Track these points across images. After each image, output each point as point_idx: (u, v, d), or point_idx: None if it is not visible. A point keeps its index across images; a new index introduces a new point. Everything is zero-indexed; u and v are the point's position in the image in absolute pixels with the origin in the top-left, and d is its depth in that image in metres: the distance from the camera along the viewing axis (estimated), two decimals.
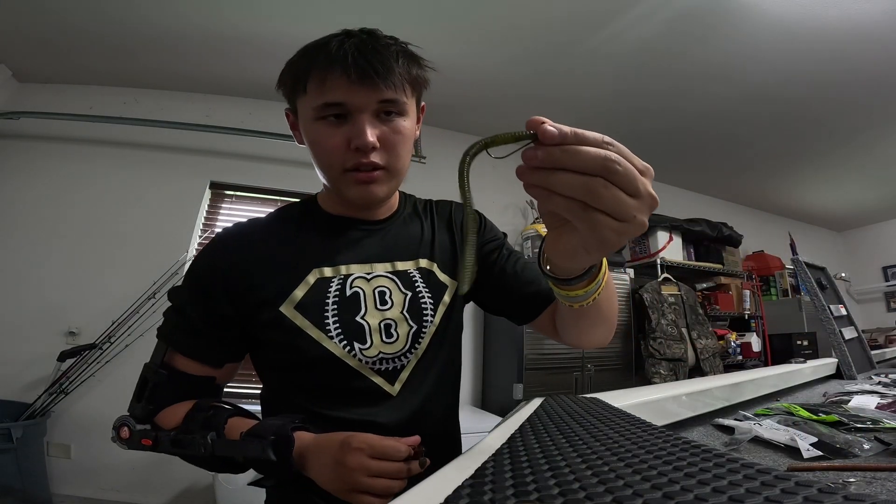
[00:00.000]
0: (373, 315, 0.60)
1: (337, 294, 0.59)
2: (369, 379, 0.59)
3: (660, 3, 1.99)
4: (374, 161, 0.55)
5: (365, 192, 0.57)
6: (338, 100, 0.53)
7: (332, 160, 0.56)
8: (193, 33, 2.23)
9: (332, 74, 0.52)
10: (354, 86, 0.52)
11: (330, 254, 0.61)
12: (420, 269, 0.65)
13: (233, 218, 2.71)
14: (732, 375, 0.86)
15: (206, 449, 0.50)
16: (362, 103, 0.53)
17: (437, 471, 0.26)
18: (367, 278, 0.61)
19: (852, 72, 2.41)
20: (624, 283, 2.72)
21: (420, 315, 0.62)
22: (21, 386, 2.11)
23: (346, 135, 0.54)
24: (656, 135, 3.19)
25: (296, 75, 0.57)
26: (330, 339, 0.57)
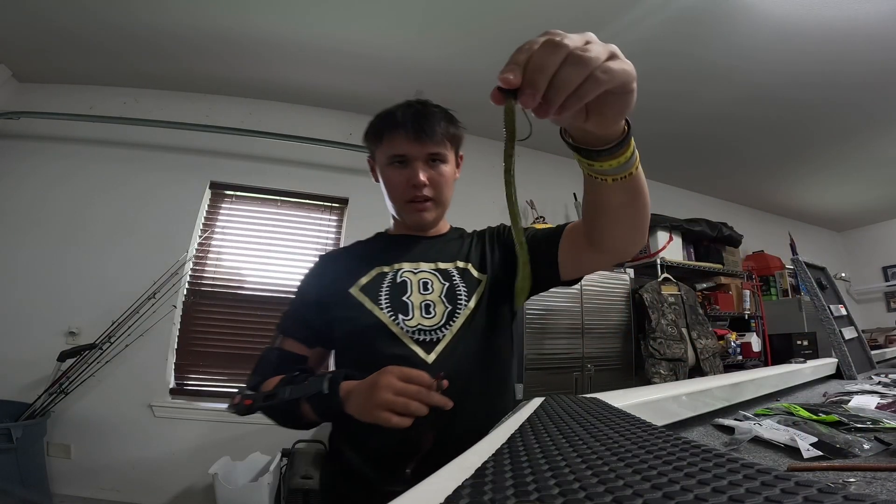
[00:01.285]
0: (416, 297, 0.77)
1: (390, 282, 0.78)
2: (408, 347, 0.72)
3: (660, 3, 1.99)
4: (426, 195, 0.78)
5: (419, 217, 0.80)
6: (401, 152, 0.76)
7: (397, 194, 0.79)
8: (193, 33, 2.23)
9: (397, 134, 0.76)
10: (411, 143, 0.75)
11: (388, 258, 0.82)
12: (458, 268, 0.82)
13: (233, 218, 2.71)
14: (732, 375, 0.86)
15: (284, 395, 0.63)
16: (416, 154, 0.76)
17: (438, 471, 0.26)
18: (413, 272, 0.79)
19: (852, 72, 2.41)
20: (624, 283, 2.72)
21: (455, 299, 0.77)
22: (21, 386, 2.11)
23: (406, 176, 0.77)
24: (656, 135, 3.19)
25: (374, 134, 0.80)
26: (380, 310, 0.74)
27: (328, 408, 0.61)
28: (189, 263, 2.47)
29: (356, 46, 2.33)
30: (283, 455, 2.17)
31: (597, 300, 2.60)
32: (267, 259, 2.69)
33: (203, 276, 2.58)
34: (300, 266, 2.74)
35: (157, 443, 2.21)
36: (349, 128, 2.91)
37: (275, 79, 2.63)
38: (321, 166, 2.79)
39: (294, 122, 2.77)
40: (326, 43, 2.30)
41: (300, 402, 0.63)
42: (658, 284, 2.71)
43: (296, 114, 2.83)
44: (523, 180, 2.73)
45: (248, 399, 0.66)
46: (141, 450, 2.19)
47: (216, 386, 2.45)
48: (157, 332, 2.27)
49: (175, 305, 2.36)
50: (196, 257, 2.54)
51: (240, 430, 2.29)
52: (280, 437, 2.27)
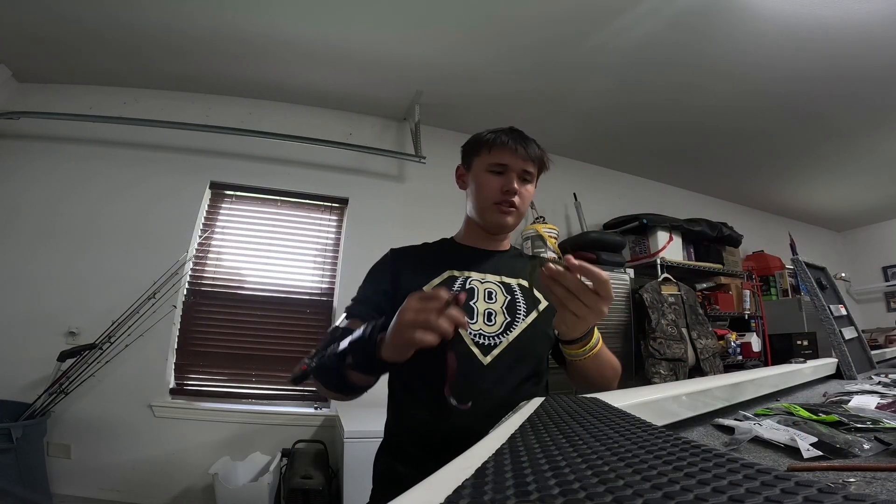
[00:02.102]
0: (481, 304, 0.85)
1: (460, 286, 0.86)
2: (469, 347, 0.80)
3: (660, 3, 1.99)
4: (514, 201, 0.87)
5: (502, 220, 0.89)
6: (503, 161, 0.87)
7: (489, 195, 0.88)
8: (194, 33, 2.23)
9: (505, 148, 0.87)
10: (514, 156, 0.87)
11: (459, 264, 0.90)
12: (520, 285, 0.91)
13: (233, 218, 2.71)
14: (732, 375, 0.86)
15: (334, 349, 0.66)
16: (515, 167, 0.87)
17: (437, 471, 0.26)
18: (480, 281, 0.88)
19: (853, 71, 2.41)
20: (624, 283, 2.72)
21: (514, 312, 0.86)
22: (21, 386, 2.11)
23: (501, 182, 0.87)
24: (656, 135, 3.19)
25: (480, 143, 0.91)
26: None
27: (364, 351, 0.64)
28: (189, 263, 2.47)
29: (356, 46, 2.33)
30: (283, 455, 2.17)
31: None
32: (267, 259, 2.69)
33: (203, 276, 2.58)
34: (300, 266, 2.74)
35: (157, 443, 2.21)
36: (349, 128, 2.91)
37: (275, 79, 2.63)
38: (321, 166, 2.79)
39: (294, 122, 2.77)
40: (326, 43, 2.30)
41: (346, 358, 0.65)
42: (658, 284, 2.71)
43: (296, 114, 2.83)
44: None
45: (304, 365, 0.69)
46: (141, 450, 2.19)
47: (216, 386, 2.45)
48: (157, 332, 2.27)
49: (175, 305, 2.36)
50: (196, 257, 2.54)
51: (240, 430, 2.29)
52: (280, 437, 2.27)
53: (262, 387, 2.49)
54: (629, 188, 3.74)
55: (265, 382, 2.50)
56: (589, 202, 3.37)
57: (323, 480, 1.99)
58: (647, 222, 3.06)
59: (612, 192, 3.62)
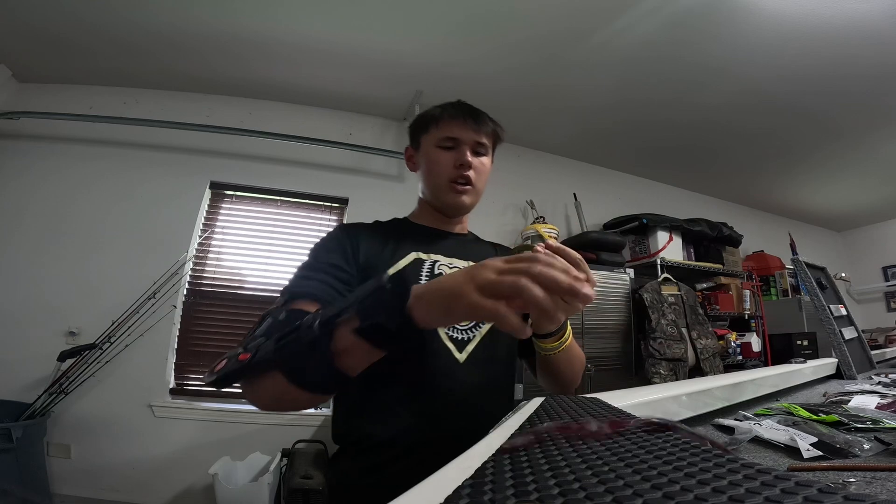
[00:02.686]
0: None
1: (428, 271, 0.78)
2: (442, 341, 0.74)
3: (660, 3, 1.99)
4: (469, 176, 0.80)
5: (458, 199, 0.81)
6: (454, 135, 0.80)
7: (441, 172, 0.80)
8: (194, 33, 2.23)
9: (454, 120, 0.80)
10: (465, 128, 0.80)
11: (424, 246, 0.81)
12: None
13: (233, 218, 2.71)
14: (732, 375, 0.86)
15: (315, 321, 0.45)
16: (467, 139, 0.80)
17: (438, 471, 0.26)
18: (448, 266, 0.80)
19: (853, 71, 2.41)
20: (624, 283, 2.72)
21: None
22: (21, 386, 2.11)
23: (454, 157, 0.80)
24: (657, 134, 3.18)
25: (427, 119, 0.83)
26: None
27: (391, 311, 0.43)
28: (189, 263, 2.47)
29: (356, 46, 2.33)
30: (283, 455, 2.17)
31: (597, 300, 2.59)
32: (267, 259, 2.69)
33: (203, 276, 2.58)
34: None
35: (157, 443, 2.21)
36: (349, 128, 2.91)
37: (275, 79, 2.63)
38: (321, 166, 2.79)
39: (294, 122, 2.77)
40: (326, 43, 2.30)
41: (337, 327, 0.45)
42: (658, 284, 2.71)
43: (296, 114, 2.83)
44: (523, 180, 2.75)
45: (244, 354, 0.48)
46: (141, 450, 2.19)
47: None
48: (157, 332, 2.27)
49: (175, 305, 2.36)
50: (196, 257, 2.54)
51: (240, 430, 2.29)
52: (280, 437, 2.27)
53: None
54: (629, 188, 3.74)
55: None
56: (589, 202, 3.37)
57: (323, 480, 1.99)
58: (647, 222, 3.06)
59: (612, 192, 3.61)
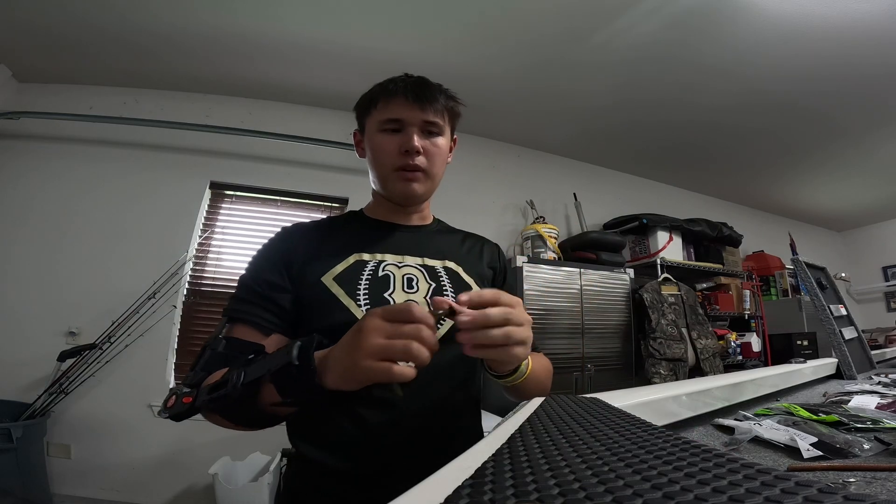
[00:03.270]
0: (399, 295, 0.69)
1: (370, 274, 0.70)
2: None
3: (659, 4, 1.99)
4: (417, 163, 0.70)
5: (407, 188, 0.72)
6: (396, 116, 0.70)
7: (386, 160, 0.72)
8: (194, 33, 2.23)
9: (395, 98, 0.70)
10: (410, 106, 0.70)
11: (369, 244, 0.74)
12: (446, 268, 0.76)
13: (233, 218, 2.71)
14: (732, 375, 0.86)
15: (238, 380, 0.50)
16: (413, 120, 0.70)
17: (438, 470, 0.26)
18: (398, 265, 0.72)
19: (853, 71, 2.41)
20: (624, 283, 2.72)
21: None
22: (21, 386, 2.11)
23: (398, 142, 0.70)
24: (657, 134, 3.19)
25: (369, 99, 0.74)
26: (358, 307, 0.66)
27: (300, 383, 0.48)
28: (189, 263, 2.47)
29: (356, 47, 2.33)
30: (283, 455, 2.17)
31: (597, 300, 2.60)
32: None
33: (203, 276, 2.58)
34: None
35: (157, 443, 2.21)
36: (349, 128, 2.88)
37: (275, 79, 2.63)
38: (321, 166, 2.79)
39: (294, 122, 2.77)
40: (326, 43, 2.30)
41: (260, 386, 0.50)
42: (658, 284, 2.71)
43: (296, 114, 2.83)
44: (523, 180, 2.75)
45: (188, 396, 0.53)
46: (141, 450, 2.19)
47: None
48: (157, 332, 2.27)
49: (175, 305, 2.36)
50: (196, 257, 2.54)
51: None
52: (280, 437, 2.27)
53: None
54: (629, 188, 3.74)
55: None
56: (589, 202, 3.37)
57: None
58: (647, 222, 3.06)
59: (612, 192, 3.62)
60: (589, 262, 2.75)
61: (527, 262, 2.45)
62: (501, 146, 3.29)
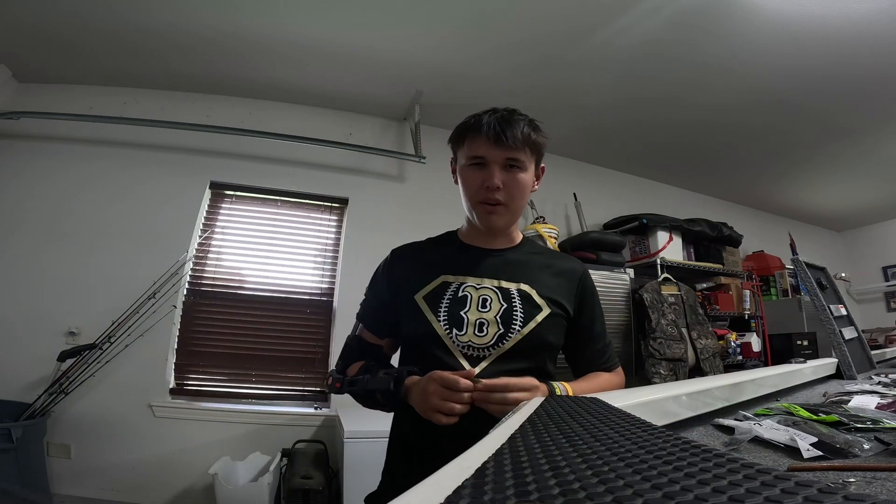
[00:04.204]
0: (473, 313, 0.81)
1: (452, 294, 0.83)
2: (457, 359, 0.79)
3: (659, 4, 1.99)
4: (497, 198, 0.80)
5: (488, 220, 0.83)
6: (480, 154, 0.80)
7: (471, 194, 0.82)
8: (194, 33, 2.23)
9: (479, 138, 0.79)
10: (492, 146, 0.79)
11: (455, 267, 0.86)
12: (520, 291, 0.84)
13: (233, 218, 2.71)
14: (732, 375, 0.86)
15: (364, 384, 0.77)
16: (495, 158, 0.79)
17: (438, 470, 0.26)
18: (476, 287, 0.84)
19: (853, 71, 2.41)
20: (624, 283, 2.72)
21: (510, 323, 0.81)
22: (21, 386, 2.11)
23: (482, 178, 0.80)
24: (657, 134, 3.19)
25: (459, 135, 0.85)
26: (438, 322, 0.81)
27: (395, 402, 0.75)
28: (189, 263, 2.47)
29: (356, 46, 2.33)
30: (283, 455, 2.17)
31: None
32: (267, 259, 2.69)
33: (203, 276, 2.58)
34: (300, 266, 2.74)
35: (157, 443, 2.21)
36: (349, 128, 2.91)
37: (275, 79, 2.63)
38: (321, 166, 2.79)
39: (294, 122, 2.77)
40: (326, 43, 2.30)
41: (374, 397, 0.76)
42: (658, 284, 2.71)
43: (296, 114, 2.83)
44: None
45: (338, 382, 0.81)
46: (141, 450, 2.19)
47: (216, 386, 2.45)
48: (157, 332, 2.27)
49: (175, 305, 2.36)
50: (196, 257, 2.54)
51: (240, 430, 2.29)
52: (280, 437, 2.27)
53: (262, 387, 2.49)
54: (629, 188, 3.74)
55: (265, 382, 2.50)
56: (589, 202, 3.37)
57: (323, 480, 1.99)
58: (647, 222, 3.06)
59: (612, 192, 3.62)
60: (589, 262, 2.74)
61: None
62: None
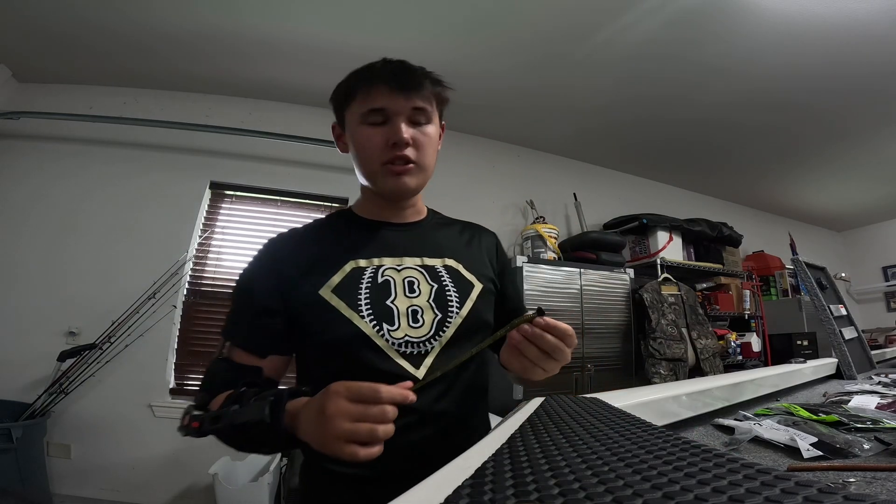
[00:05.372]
0: (401, 301, 0.66)
1: (370, 281, 0.66)
2: (395, 361, 0.63)
3: (659, 4, 1.99)
4: (407, 155, 0.65)
5: (398, 183, 0.67)
6: (380, 105, 0.65)
7: (372, 155, 0.66)
8: (194, 34, 2.23)
9: (377, 86, 0.65)
10: (394, 94, 0.65)
11: (364, 248, 0.70)
12: (447, 267, 0.72)
13: (233, 218, 2.71)
14: (732, 375, 0.86)
15: (228, 419, 0.53)
16: (399, 108, 0.65)
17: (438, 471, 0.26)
18: (397, 269, 0.69)
19: (853, 70, 2.41)
20: (624, 283, 2.72)
21: (445, 306, 0.68)
22: (21, 386, 2.11)
23: (385, 135, 0.65)
24: (657, 134, 3.18)
25: (346, 89, 0.69)
26: (361, 319, 0.63)
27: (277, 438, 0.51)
28: (189, 263, 2.47)
29: (356, 45, 2.32)
30: (283, 455, 2.17)
31: (597, 300, 2.60)
32: None
33: (203, 276, 2.58)
34: None
35: (158, 443, 2.21)
36: None
37: (275, 79, 2.63)
38: (321, 166, 2.79)
39: (294, 122, 2.77)
40: (327, 43, 2.30)
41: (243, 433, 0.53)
42: (658, 284, 2.71)
43: (296, 114, 2.83)
44: (523, 180, 2.75)
45: (196, 421, 0.57)
46: (141, 450, 2.19)
47: None
48: (157, 332, 2.27)
49: (175, 305, 2.36)
50: (196, 257, 2.54)
51: None
52: None
53: None
54: (629, 188, 3.74)
55: None
56: (589, 202, 3.37)
57: None
58: (647, 222, 3.06)
59: (612, 192, 3.62)
60: (589, 262, 2.75)
61: (527, 263, 2.45)
62: (501, 146, 3.29)
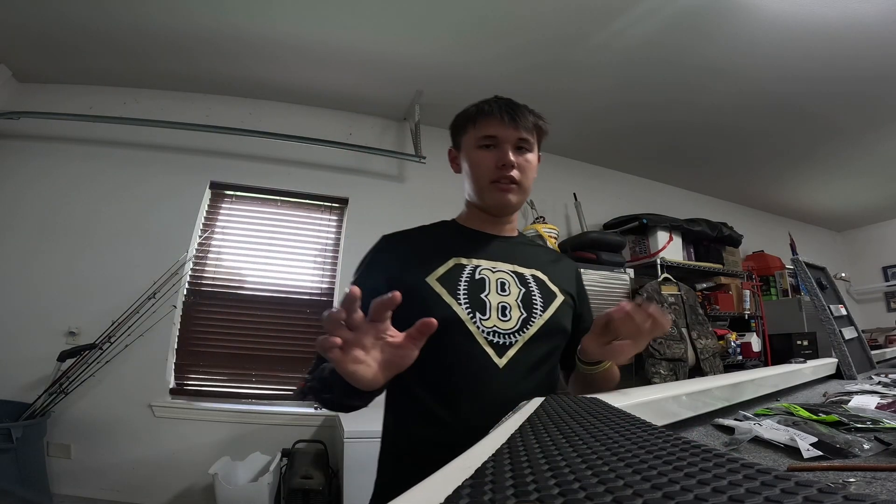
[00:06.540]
0: (494, 296, 0.76)
1: (469, 276, 0.77)
2: (481, 347, 0.72)
3: (660, 2, 1.99)
4: (512, 176, 0.78)
5: (503, 199, 0.79)
6: (492, 133, 0.78)
7: (484, 173, 0.79)
8: (194, 33, 2.23)
9: (491, 118, 0.79)
10: (504, 125, 0.78)
11: (465, 250, 0.81)
12: (534, 276, 0.82)
13: (233, 218, 2.71)
14: (732, 375, 0.86)
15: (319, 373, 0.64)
16: (507, 137, 0.78)
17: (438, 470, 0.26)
18: (492, 270, 0.79)
19: (853, 71, 2.41)
20: (624, 283, 2.72)
21: (531, 307, 0.78)
22: (21, 386, 2.11)
23: (495, 157, 0.78)
24: (656, 134, 3.19)
25: (465, 118, 0.83)
26: (459, 305, 0.73)
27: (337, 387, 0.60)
28: (189, 263, 2.47)
29: (356, 46, 2.33)
30: (283, 455, 2.17)
31: (597, 300, 2.60)
32: (267, 259, 2.69)
33: (203, 276, 2.58)
34: (300, 266, 2.74)
35: (157, 443, 2.21)
36: (349, 128, 2.91)
37: (275, 79, 2.63)
38: (321, 166, 2.79)
39: (294, 122, 2.77)
40: (326, 43, 2.30)
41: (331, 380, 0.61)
42: (658, 284, 2.71)
43: (296, 114, 2.83)
44: None
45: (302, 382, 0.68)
46: (141, 450, 2.19)
47: (216, 386, 2.45)
48: (157, 332, 2.27)
49: (175, 305, 2.36)
50: (196, 257, 2.54)
51: (240, 430, 2.29)
52: (280, 438, 2.27)
53: (262, 387, 2.49)
54: (629, 188, 3.74)
55: (265, 382, 2.50)
56: (589, 202, 3.37)
57: (323, 480, 1.99)
58: (647, 222, 3.06)
59: (612, 192, 3.62)
60: (589, 262, 2.75)
61: None
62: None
